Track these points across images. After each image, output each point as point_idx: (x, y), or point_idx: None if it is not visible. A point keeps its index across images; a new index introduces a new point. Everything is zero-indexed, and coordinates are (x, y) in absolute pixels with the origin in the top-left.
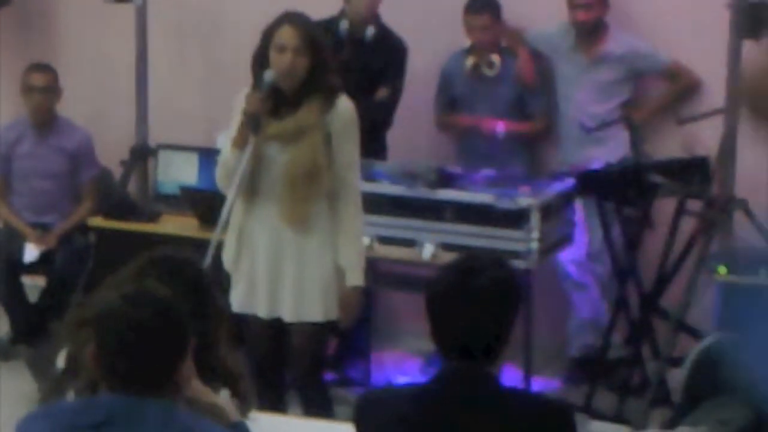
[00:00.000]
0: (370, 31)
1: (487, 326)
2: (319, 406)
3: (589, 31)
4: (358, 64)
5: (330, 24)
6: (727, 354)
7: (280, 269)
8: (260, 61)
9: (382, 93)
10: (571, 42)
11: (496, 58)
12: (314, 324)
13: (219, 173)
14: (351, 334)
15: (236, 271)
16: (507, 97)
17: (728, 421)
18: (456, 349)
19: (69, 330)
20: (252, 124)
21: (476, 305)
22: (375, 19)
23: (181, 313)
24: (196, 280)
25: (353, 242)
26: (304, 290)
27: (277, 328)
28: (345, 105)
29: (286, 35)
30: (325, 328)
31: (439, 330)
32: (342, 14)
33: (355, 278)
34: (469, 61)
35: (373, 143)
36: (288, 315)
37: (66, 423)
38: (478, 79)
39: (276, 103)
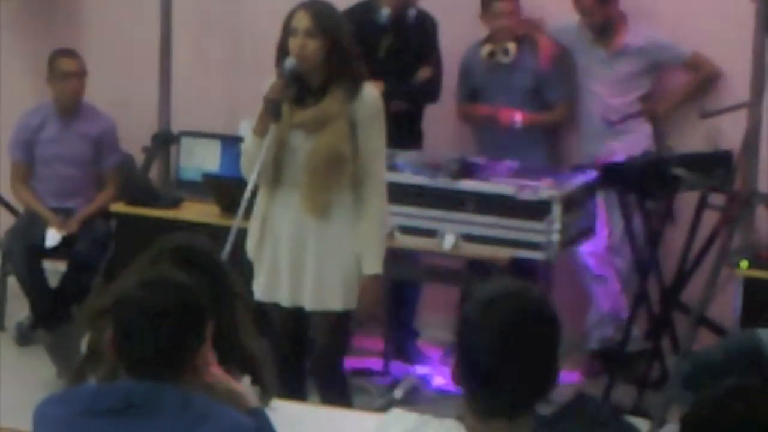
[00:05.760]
0: (413, 12)
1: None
2: (337, 396)
3: (600, 29)
4: (402, 48)
5: (365, 9)
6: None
7: (302, 258)
8: (282, 49)
9: (426, 72)
10: (590, 35)
11: (512, 45)
12: (335, 313)
13: (243, 161)
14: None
15: (259, 260)
16: (524, 85)
17: None
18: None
19: (89, 317)
20: (272, 111)
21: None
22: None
23: (197, 299)
24: (211, 266)
25: (374, 230)
26: (325, 279)
27: (298, 316)
28: (370, 93)
29: (298, 18)
30: (346, 317)
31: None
32: (379, 2)
33: (373, 266)
34: (485, 49)
35: (408, 133)
36: (309, 303)
37: (84, 408)
38: (494, 67)
39: (302, 92)
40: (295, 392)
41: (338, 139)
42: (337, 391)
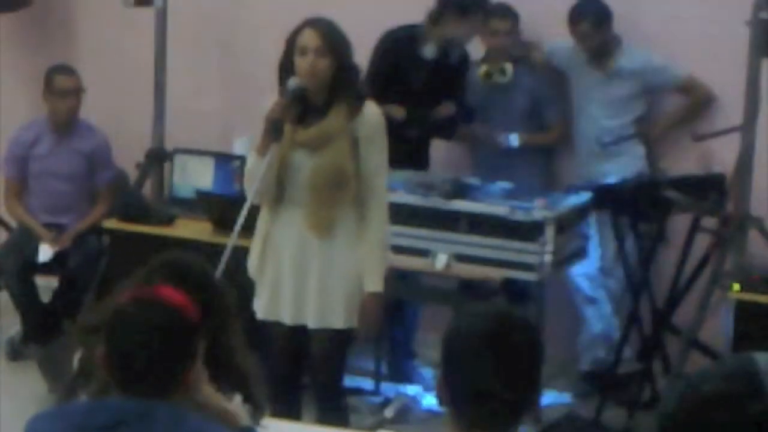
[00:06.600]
0: (457, 52)
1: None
2: (335, 415)
3: (596, 53)
4: (439, 85)
5: (410, 38)
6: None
7: (305, 276)
8: (286, 68)
9: (447, 109)
10: (585, 57)
11: (508, 66)
12: (336, 331)
13: (245, 180)
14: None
15: (261, 278)
16: (521, 106)
17: None
18: None
19: (81, 333)
20: (273, 130)
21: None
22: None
23: (189, 316)
24: (204, 283)
25: (376, 248)
26: (328, 297)
27: (300, 335)
28: (372, 111)
29: (307, 37)
30: (348, 335)
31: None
32: (426, 35)
33: (374, 284)
34: (482, 69)
35: (416, 158)
36: (312, 321)
37: (75, 424)
38: (490, 87)
39: (304, 110)
40: (292, 410)
41: (341, 157)
42: (336, 408)
